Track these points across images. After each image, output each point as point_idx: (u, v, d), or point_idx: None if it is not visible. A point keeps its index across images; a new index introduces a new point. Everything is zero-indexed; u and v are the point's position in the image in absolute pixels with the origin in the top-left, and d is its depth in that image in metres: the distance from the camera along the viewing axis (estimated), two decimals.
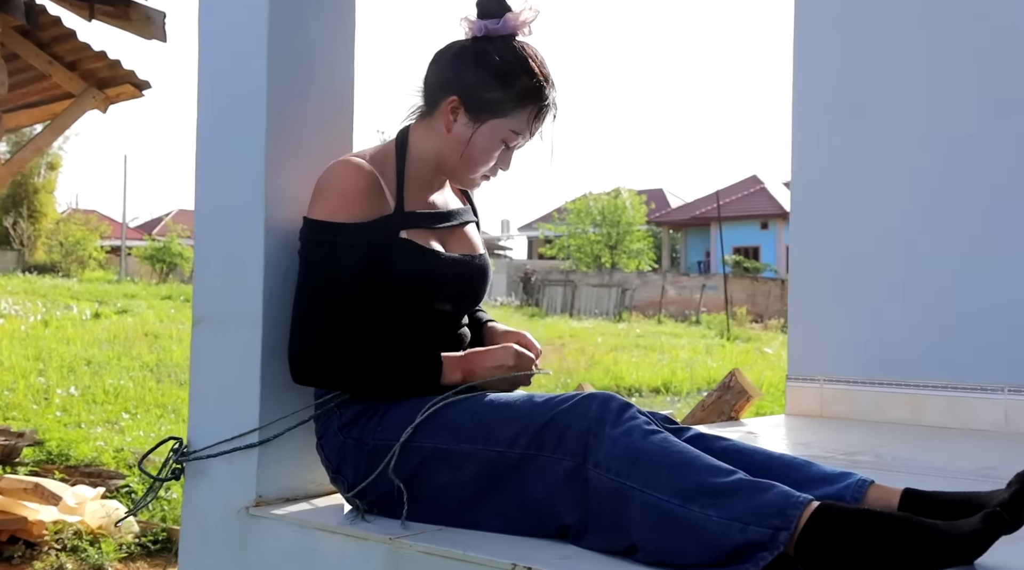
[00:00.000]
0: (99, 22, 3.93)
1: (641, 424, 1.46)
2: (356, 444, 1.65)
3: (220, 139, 1.88)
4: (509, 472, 1.52)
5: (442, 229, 1.79)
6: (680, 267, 34.74)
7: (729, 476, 1.37)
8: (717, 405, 3.11)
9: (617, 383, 9.98)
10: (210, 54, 1.90)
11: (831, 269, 3.41)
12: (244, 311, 1.79)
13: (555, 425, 1.50)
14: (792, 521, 1.30)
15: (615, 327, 17.82)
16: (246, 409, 1.78)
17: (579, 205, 32.83)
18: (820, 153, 3.48)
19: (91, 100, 4.33)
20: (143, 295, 16.09)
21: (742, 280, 25.25)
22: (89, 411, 6.99)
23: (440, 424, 1.59)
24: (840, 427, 3.07)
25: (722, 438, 1.64)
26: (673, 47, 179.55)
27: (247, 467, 1.78)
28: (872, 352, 3.26)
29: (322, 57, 1.90)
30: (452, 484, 1.57)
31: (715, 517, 1.33)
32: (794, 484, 1.51)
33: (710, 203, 32.09)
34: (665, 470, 1.39)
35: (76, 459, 5.62)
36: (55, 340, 10.26)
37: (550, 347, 13.28)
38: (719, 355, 13.01)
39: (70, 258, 25.58)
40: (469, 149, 1.72)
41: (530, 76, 1.69)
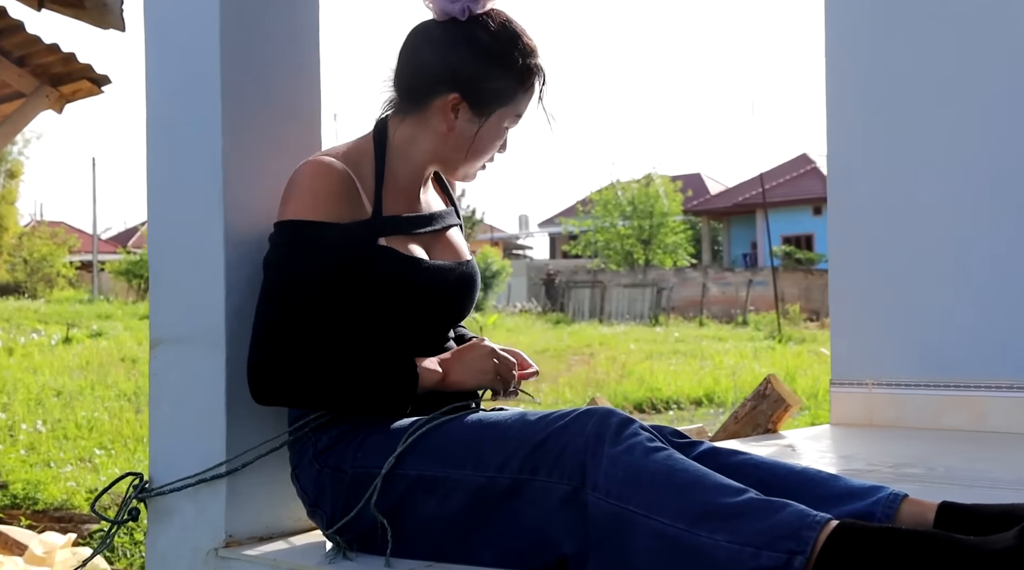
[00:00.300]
0: (49, 11, 3.98)
1: (643, 441, 1.48)
2: (333, 473, 1.69)
3: (172, 141, 1.92)
4: (501, 499, 1.55)
5: (425, 234, 1.82)
6: (723, 261, 34.65)
7: (739, 496, 1.40)
8: (752, 416, 3.13)
9: (653, 395, 9.98)
10: (157, 48, 1.94)
11: (876, 260, 3.42)
12: (206, 331, 1.83)
13: (550, 445, 1.52)
14: (808, 543, 1.32)
15: (651, 332, 17.81)
16: (212, 439, 1.82)
17: (606, 195, 32.80)
18: (859, 131, 3.50)
19: (44, 99, 4.39)
20: (119, 315, 16.22)
21: (794, 273, 25.18)
22: (59, 448, 7.07)
23: (424, 448, 1.62)
24: (889, 436, 3.08)
25: (738, 452, 1.66)
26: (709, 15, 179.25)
27: (215, 504, 1.81)
28: (926, 351, 3.27)
29: (283, 44, 1.94)
30: (440, 514, 1.60)
31: (724, 542, 1.36)
32: (818, 500, 1.53)
33: (754, 187, 32.00)
34: (669, 491, 1.42)
35: (44, 502, 5.68)
36: (20, 369, 10.38)
37: (577, 357, 13.31)
38: (769, 359, 12.98)
39: (36, 277, 25.82)
40: (477, 144, 1.78)
41: (525, 53, 1.75)
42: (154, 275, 1.94)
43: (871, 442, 3.00)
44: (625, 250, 31.94)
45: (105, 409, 8.43)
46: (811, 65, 22.27)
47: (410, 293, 1.74)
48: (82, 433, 7.55)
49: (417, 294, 1.75)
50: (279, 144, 1.91)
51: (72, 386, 9.45)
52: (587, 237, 33.18)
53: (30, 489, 5.83)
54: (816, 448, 2.90)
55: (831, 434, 3.23)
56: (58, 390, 9.20)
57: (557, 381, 10.87)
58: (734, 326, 20.02)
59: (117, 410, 8.38)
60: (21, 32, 4.16)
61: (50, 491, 5.80)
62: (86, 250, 32.45)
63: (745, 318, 21.25)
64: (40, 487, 5.86)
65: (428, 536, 1.62)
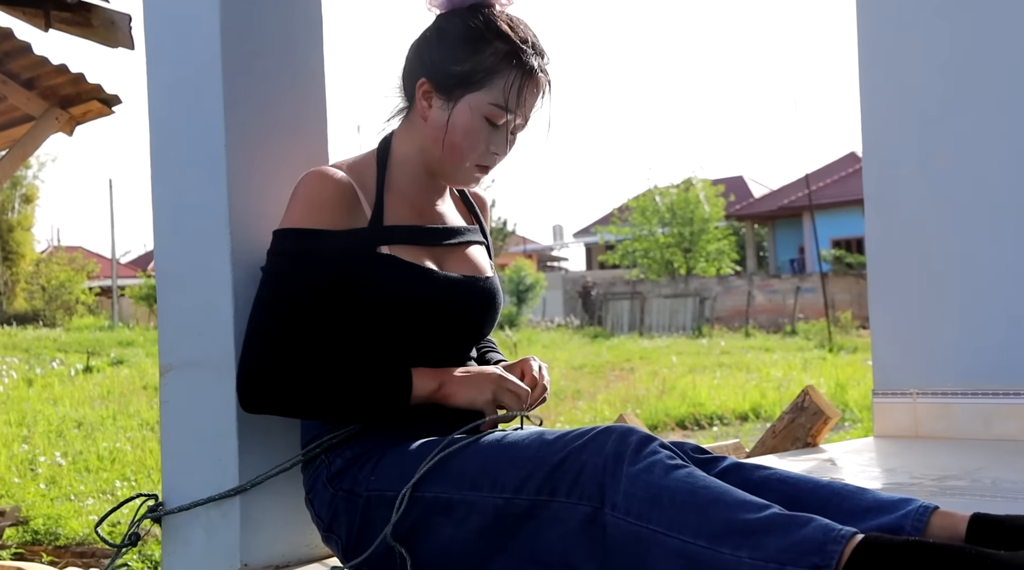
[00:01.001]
0: (57, 31, 4.07)
1: (663, 459, 1.50)
2: (348, 497, 1.72)
3: (176, 165, 1.97)
4: (519, 521, 1.57)
5: (438, 247, 1.85)
6: (769, 268, 34.47)
7: (762, 511, 1.41)
8: (790, 430, 3.13)
9: (696, 410, 9.96)
10: (157, 70, 1.99)
11: (918, 264, 3.42)
12: (215, 355, 1.88)
13: (568, 466, 1.54)
14: (833, 558, 1.34)
15: (694, 344, 17.78)
16: (224, 463, 1.87)
17: (643, 202, 32.75)
18: (896, 125, 3.50)
19: (54, 122, 4.49)
20: (140, 341, 16.41)
21: (844, 278, 24.99)
22: (80, 481, 7.17)
23: (440, 470, 1.65)
24: (936, 448, 3.08)
25: (762, 467, 1.68)
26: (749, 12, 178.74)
27: (229, 531, 1.86)
28: (973, 358, 3.26)
29: (286, 62, 1.99)
30: (456, 538, 1.63)
31: (747, 558, 1.38)
32: (846, 515, 1.55)
33: (800, 189, 31.84)
34: (691, 509, 1.43)
35: (66, 537, 5.77)
36: (40, 401, 10.54)
37: (616, 373, 13.30)
38: (819, 370, 12.92)
39: (54, 304, 26.13)
40: (450, 134, 1.79)
41: (502, 39, 1.76)
42: (162, 300, 1.99)
43: (916, 454, 3.00)
44: (665, 259, 31.85)
45: (127, 439, 8.54)
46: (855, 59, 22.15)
47: (417, 301, 1.77)
48: (104, 465, 7.65)
49: (426, 303, 1.77)
50: (285, 164, 1.96)
51: (93, 417, 9.58)
52: (624, 246, 33.11)
53: (51, 524, 5.92)
54: (857, 462, 2.90)
55: (874, 447, 3.23)
56: (79, 421, 9.34)
57: (595, 398, 10.87)
58: (782, 336, 19.92)
59: (139, 440, 8.48)
60: (29, 54, 4.25)
61: (71, 526, 5.88)
62: (105, 275, 32.82)
63: (794, 327, 21.15)
64: (61, 522, 5.94)
65: (445, 560, 1.65)
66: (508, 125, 1.81)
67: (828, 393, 10.07)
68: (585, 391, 11.62)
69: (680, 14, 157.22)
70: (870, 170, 3.57)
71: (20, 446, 8.27)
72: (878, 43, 3.54)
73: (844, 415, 8.93)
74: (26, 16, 3.91)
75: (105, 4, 4.05)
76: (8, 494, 6.80)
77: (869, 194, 3.56)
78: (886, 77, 3.53)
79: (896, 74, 3.52)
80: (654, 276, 30.49)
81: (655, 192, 32.95)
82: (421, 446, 1.71)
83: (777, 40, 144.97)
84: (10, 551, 5.44)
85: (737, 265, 33.31)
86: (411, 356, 1.79)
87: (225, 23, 1.89)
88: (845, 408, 9.28)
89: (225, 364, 1.87)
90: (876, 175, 3.54)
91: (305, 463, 1.81)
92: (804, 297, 23.73)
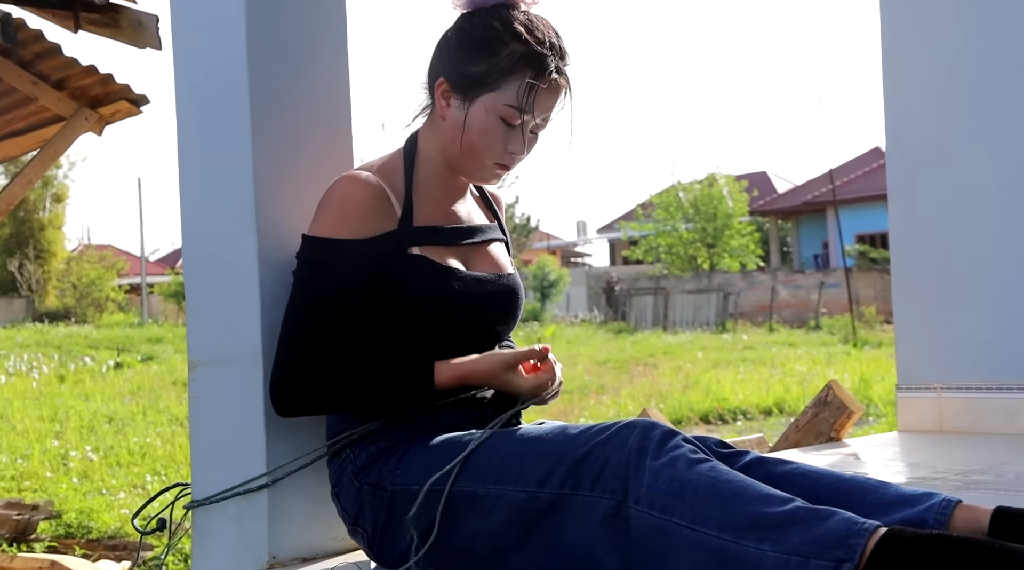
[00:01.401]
0: (86, 32, 4.10)
1: (686, 453, 1.50)
2: (373, 491, 1.73)
3: (203, 163, 1.99)
4: (543, 515, 1.58)
5: (463, 246, 1.87)
6: (792, 263, 34.30)
7: (785, 505, 1.41)
8: (813, 424, 3.12)
9: (720, 405, 9.94)
10: (185, 66, 2.01)
11: (941, 258, 3.39)
12: (243, 351, 1.90)
13: (592, 460, 1.55)
14: (856, 551, 1.34)
15: (717, 339, 17.72)
16: (252, 456, 1.88)
17: (667, 198, 32.64)
18: (920, 120, 3.47)
19: (84, 122, 4.52)
20: (169, 338, 16.53)
21: (869, 273, 24.85)
22: (112, 475, 7.24)
23: (465, 464, 1.65)
24: (960, 442, 3.06)
25: (785, 461, 1.68)
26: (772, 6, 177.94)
27: (257, 525, 1.87)
28: (998, 352, 3.23)
29: (310, 54, 2.00)
30: (481, 531, 1.64)
31: (771, 552, 1.38)
32: (869, 508, 1.55)
33: (824, 184, 31.68)
34: (714, 502, 1.44)
35: (98, 531, 5.83)
36: (72, 396, 10.64)
37: (640, 368, 13.29)
38: (843, 365, 12.86)
39: (85, 301, 26.34)
40: (467, 134, 1.79)
41: (518, 40, 1.76)
42: (190, 298, 2.01)
43: (939, 448, 2.98)
44: (688, 254, 31.74)
45: (157, 435, 8.61)
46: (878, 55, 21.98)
47: (445, 302, 1.78)
48: (135, 459, 7.72)
49: (453, 303, 1.79)
50: (310, 162, 1.97)
51: (124, 412, 9.66)
52: (648, 242, 33.03)
53: (83, 517, 5.98)
54: (881, 456, 2.89)
55: (898, 441, 3.21)
56: (110, 416, 9.42)
57: (619, 393, 10.87)
58: (806, 331, 19.82)
59: (169, 435, 8.55)
60: (58, 55, 4.29)
61: (103, 519, 5.94)
62: (134, 273, 33.06)
63: (818, 322, 21.04)
64: (93, 515, 6.01)
65: (469, 553, 1.66)
66: (525, 125, 1.81)
67: (852, 388, 10.02)
68: (609, 386, 11.62)
69: (705, 11, 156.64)
70: (894, 165, 3.55)
71: (52, 441, 8.35)
72: (901, 38, 3.52)
73: (868, 410, 8.88)
74: (56, 18, 3.95)
75: (133, 5, 4.07)
76: (41, 488, 6.87)
77: (893, 190, 3.54)
78: (910, 72, 3.51)
79: (919, 69, 3.49)
80: (678, 271, 30.39)
81: (679, 188, 32.82)
82: (444, 441, 1.72)
83: (801, 36, 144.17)
84: (44, 544, 5.50)
85: (761, 260, 33.16)
86: (439, 353, 1.80)
87: (250, 23, 1.90)
88: (869, 403, 9.24)
89: (252, 360, 1.88)
90: (900, 170, 3.52)
91: (331, 458, 1.82)
92: (828, 292, 23.60)
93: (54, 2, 3.71)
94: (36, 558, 4.74)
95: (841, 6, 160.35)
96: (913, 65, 3.51)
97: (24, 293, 27.11)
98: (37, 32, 4.16)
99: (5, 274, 27.27)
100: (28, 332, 18.53)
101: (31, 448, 8.02)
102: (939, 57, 3.44)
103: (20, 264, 27.45)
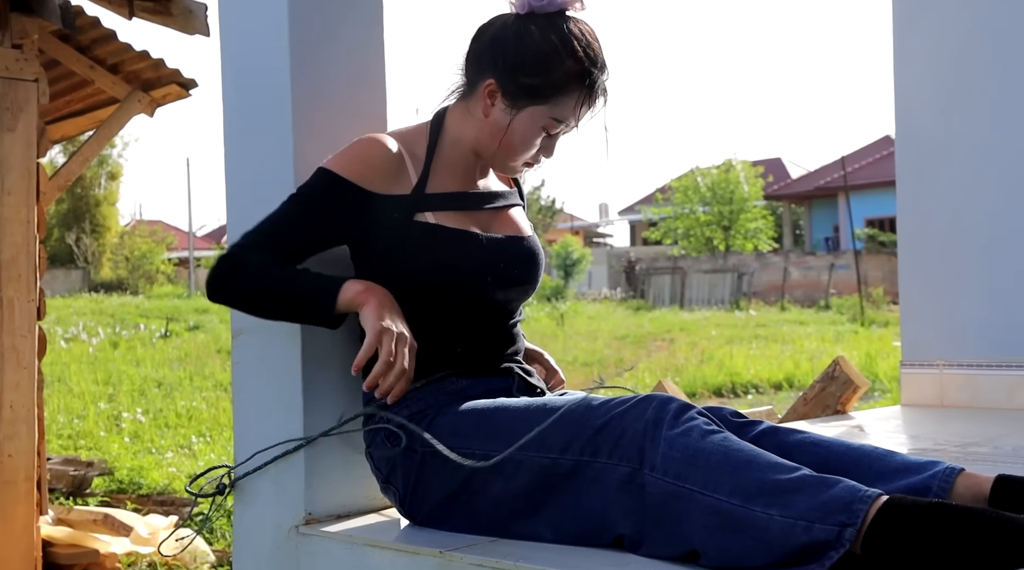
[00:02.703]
0: (139, 20, 4.12)
1: (700, 424, 1.50)
2: (404, 452, 1.75)
3: (246, 144, 2.00)
4: (563, 479, 1.59)
5: (482, 211, 1.85)
6: (804, 246, 34.10)
7: (792, 473, 1.42)
8: (821, 398, 3.11)
9: (733, 379, 9.93)
10: (231, 53, 2.02)
11: (946, 241, 3.37)
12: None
13: (610, 429, 1.55)
14: (859, 517, 1.34)
15: (731, 317, 17.67)
16: (290, 419, 1.90)
17: (685, 182, 32.50)
18: (928, 105, 3.44)
19: (137, 104, 4.54)
20: (214, 309, 16.58)
21: (877, 256, 24.65)
22: (160, 436, 7.32)
23: (492, 430, 1.67)
24: (960, 416, 3.05)
25: (796, 431, 1.68)
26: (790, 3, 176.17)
27: (295, 484, 1.89)
28: (997, 332, 3.22)
29: (349, 43, 2.00)
30: (505, 493, 1.65)
31: (778, 516, 1.38)
32: (875, 475, 1.55)
33: (836, 171, 31.43)
34: (725, 470, 1.44)
35: (148, 487, 5.91)
36: (124, 362, 10.76)
37: (658, 343, 13.27)
38: (851, 343, 12.79)
39: (137, 273, 26.57)
40: (508, 136, 1.78)
41: (574, 59, 1.73)
42: None
43: (941, 422, 2.97)
44: (705, 236, 31.62)
45: (203, 399, 8.69)
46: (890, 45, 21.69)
47: (464, 263, 1.77)
48: (181, 422, 7.81)
49: (472, 264, 1.78)
50: (348, 143, 1.97)
51: (172, 377, 9.76)
52: (667, 224, 32.92)
53: (134, 475, 6.07)
54: (885, 428, 2.88)
55: (901, 415, 3.20)
56: (159, 381, 9.53)
57: (637, 367, 10.87)
58: (816, 310, 19.73)
59: (214, 400, 8.64)
60: (114, 41, 4.31)
61: (152, 476, 6.02)
62: (183, 247, 33.27)
63: (827, 302, 20.92)
64: (143, 473, 6.09)
65: (493, 515, 1.67)
66: (561, 133, 1.81)
67: (859, 364, 9.96)
68: (627, 360, 11.62)
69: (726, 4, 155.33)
70: (903, 153, 3.52)
71: (105, 403, 8.45)
72: (911, 31, 3.48)
73: (874, 385, 8.84)
74: (112, 6, 3.97)
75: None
76: (96, 447, 6.96)
77: (902, 176, 3.51)
78: (919, 64, 3.47)
79: (929, 60, 3.46)
80: (695, 252, 30.28)
81: (697, 173, 32.66)
82: (471, 408, 1.73)
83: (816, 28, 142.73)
84: (97, 499, 5.57)
85: (774, 242, 32.98)
86: (464, 315, 1.80)
87: (293, 12, 1.91)
88: (875, 379, 9.20)
89: (290, 329, 1.89)
90: (908, 159, 3.49)
91: (365, 420, 1.84)
92: (838, 273, 23.45)
93: None
94: (91, 511, 4.81)
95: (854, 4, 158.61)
96: (922, 57, 3.47)
97: (80, 265, 27.35)
98: (94, 19, 4.18)
99: (63, 247, 27.50)
100: (84, 301, 18.73)
101: (86, 409, 8.12)
102: (947, 49, 3.41)
103: (77, 237, 27.70)
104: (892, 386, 8.72)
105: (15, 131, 3.71)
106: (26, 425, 3.77)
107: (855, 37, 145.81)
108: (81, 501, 5.49)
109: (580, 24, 1.77)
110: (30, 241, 3.74)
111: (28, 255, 3.75)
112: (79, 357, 11.02)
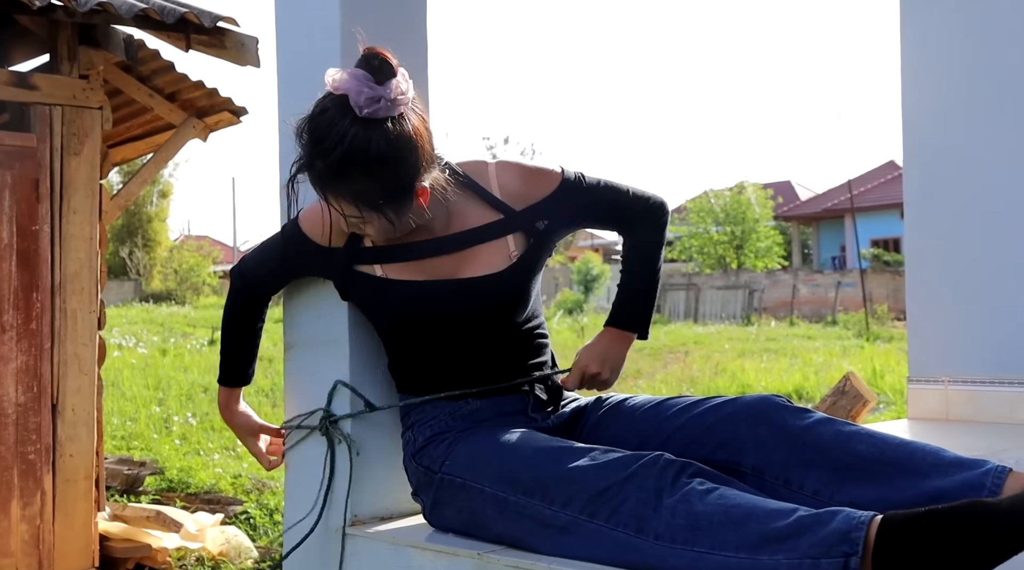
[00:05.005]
0: (195, 52, 4.16)
1: (695, 486, 1.51)
2: (426, 472, 1.78)
3: None
4: (558, 533, 1.60)
5: (441, 257, 1.77)
6: (812, 264, 33.90)
7: (790, 517, 1.42)
8: (832, 411, 3.11)
9: (744, 390, 9.87)
10: (287, 86, 2.05)
11: (952, 258, 3.34)
12: (331, 337, 1.94)
13: (611, 495, 1.55)
14: (859, 544, 1.34)
15: (743, 331, 17.57)
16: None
17: (699, 203, 32.43)
18: (935, 128, 3.41)
19: (191, 130, 4.59)
20: None
21: (882, 275, 24.48)
22: (207, 439, 7.36)
23: (501, 470, 1.67)
24: (964, 430, 3.02)
25: (850, 423, 1.67)
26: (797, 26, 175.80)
27: (341, 489, 1.91)
28: (1001, 349, 3.18)
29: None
30: (505, 534, 1.67)
31: (784, 560, 1.39)
32: (929, 467, 1.55)
33: (843, 193, 31.25)
34: (727, 527, 1.45)
35: (196, 486, 5.94)
36: (173, 368, 10.82)
37: (673, 356, 13.22)
38: (857, 357, 12.70)
39: (185, 285, 26.74)
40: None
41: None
42: (286, 291, 2.05)
43: (945, 434, 2.95)
44: (718, 254, 31.52)
45: (246, 404, 8.72)
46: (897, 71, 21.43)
47: (407, 312, 1.78)
48: (226, 426, 7.83)
49: (406, 314, 1.78)
50: None
51: (217, 384, 9.79)
52: (682, 243, 32.85)
53: (183, 475, 6.10)
54: None
55: (908, 428, 3.18)
56: (205, 387, 9.57)
57: (654, 378, 10.84)
58: (824, 325, 19.59)
59: (256, 405, 8.67)
60: (171, 72, 4.37)
61: (200, 476, 6.05)
62: (228, 261, 33.45)
63: (834, 318, 20.78)
64: (191, 473, 6.12)
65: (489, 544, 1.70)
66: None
67: (864, 378, 9.90)
68: (644, 371, 11.59)
69: (736, 33, 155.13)
70: (910, 177, 3.50)
71: (156, 407, 8.50)
72: (920, 56, 3.46)
73: (879, 399, 8.78)
74: (170, 39, 4.02)
75: (237, 28, 4.13)
76: (147, 448, 7.01)
77: (909, 200, 3.49)
78: (926, 91, 3.46)
79: (936, 89, 3.44)
80: (708, 270, 30.18)
81: (710, 194, 32.60)
82: (486, 438, 1.73)
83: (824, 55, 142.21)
84: (149, 497, 5.61)
85: (784, 261, 32.83)
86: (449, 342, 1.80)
87: (344, 51, 1.94)
88: (880, 392, 9.13)
89: (338, 343, 1.92)
90: (916, 182, 3.47)
91: (403, 432, 1.87)
92: (844, 291, 23.30)
93: (169, 26, 3.77)
94: (144, 508, 4.85)
95: (862, 28, 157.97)
96: (929, 85, 3.45)
97: (133, 277, 27.58)
98: (154, 52, 4.25)
99: (117, 260, 27.74)
100: (136, 311, 18.87)
101: (138, 412, 8.18)
102: (955, 77, 3.39)
103: (130, 251, 27.94)
104: (897, 399, 8.66)
105: (81, 155, 3.77)
106: (86, 427, 3.82)
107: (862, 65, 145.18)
108: (134, 498, 5.53)
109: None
110: (92, 256, 3.80)
111: (91, 269, 3.80)
112: (131, 363, 11.10)
